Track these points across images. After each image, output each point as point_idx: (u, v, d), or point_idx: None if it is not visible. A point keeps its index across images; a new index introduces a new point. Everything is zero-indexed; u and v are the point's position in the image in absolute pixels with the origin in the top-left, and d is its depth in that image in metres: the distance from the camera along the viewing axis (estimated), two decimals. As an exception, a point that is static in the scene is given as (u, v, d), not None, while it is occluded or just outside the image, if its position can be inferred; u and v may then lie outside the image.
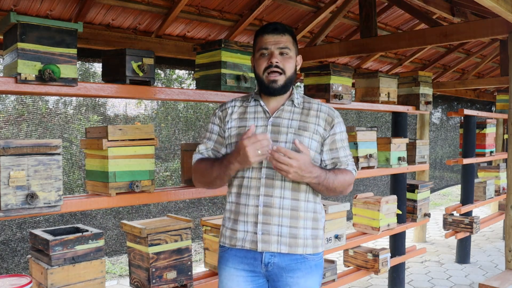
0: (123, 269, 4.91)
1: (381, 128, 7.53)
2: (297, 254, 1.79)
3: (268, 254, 1.78)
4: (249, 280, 1.81)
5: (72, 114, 4.32)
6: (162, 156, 4.93)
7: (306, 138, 1.79)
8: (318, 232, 1.84)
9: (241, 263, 1.81)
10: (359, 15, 4.15)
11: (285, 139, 1.78)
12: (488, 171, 5.64)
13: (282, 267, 1.78)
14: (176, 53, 4.02)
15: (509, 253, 3.83)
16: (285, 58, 1.80)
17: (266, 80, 1.80)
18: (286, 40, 1.81)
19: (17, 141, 1.75)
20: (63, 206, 1.88)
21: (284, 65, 1.79)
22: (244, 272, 1.81)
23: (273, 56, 1.78)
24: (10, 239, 3.76)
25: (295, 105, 1.86)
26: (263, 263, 1.78)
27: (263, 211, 1.77)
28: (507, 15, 3.01)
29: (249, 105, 1.89)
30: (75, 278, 1.97)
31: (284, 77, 1.80)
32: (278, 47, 1.79)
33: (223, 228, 1.90)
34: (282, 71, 1.79)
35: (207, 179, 1.83)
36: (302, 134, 1.79)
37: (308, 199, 1.82)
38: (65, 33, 1.88)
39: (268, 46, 1.79)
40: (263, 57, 1.81)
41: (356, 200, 3.73)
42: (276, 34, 1.79)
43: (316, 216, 1.84)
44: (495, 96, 7.93)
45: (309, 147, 1.78)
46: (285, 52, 1.80)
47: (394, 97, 3.85)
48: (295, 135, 1.79)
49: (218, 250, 1.93)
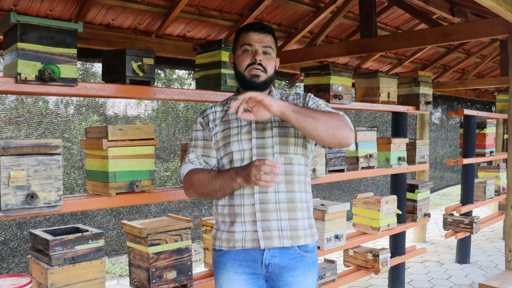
0: (123, 269, 4.91)
1: (381, 128, 7.53)
2: (295, 251, 1.79)
3: (269, 254, 1.77)
4: (250, 282, 1.80)
5: (72, 114, 4.32)
6: (162, 156, 4.93)
7: (292, 128, 1.80)
8: (311, 221, 1.88)
9: (241, 266, 1.80)
10: (359, 15, 4.15)
11: (271, 134, 1.79)
12: (488, 171, 5.64)
13: (282, 267, 1.78)
14: (176, 53, 4.02)
15: (509, 253, 3.83)
16: (267, 57, 1.81)
17: (248, 74, 1.79)
18: (270, 40, 1.82)
19: (17, 141, 1.75)
20: (63, 206, 1.88)
21: (266, 64, 1.80)
22: (245, 275, 1.80)
23: (258, 54, 1.78)
24: (10, 239, 3.76)
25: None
26: (263, 264, 1.78)
27: (260, 209, 1.76)
28: (507, 15, 3.01)
29: None
30: (75, 278, 1.97)
31: (266, 75, 1.81)
32: (263, 45, 1.80)
33: (218, 232, 1.86)
34: (264, 69, 1.80)
35: (207, 189, 1.79)
36: (287, 125, 1.80)
37: (301, 189, 1.83)
38: (65, 33, 1.88)
39: (252, 43, 1.79)
40: (246, 54, 1.80)
41: (356, 200, 3.73)
42: (261, 33, 1.80)
43: (308, 206, 1.87)
44: (495, 96, 7.93)
45: (296, 136, 1.81)
46: (268, 51, 1.81)
47: (394, 97, 3.85)
48: (280, 128, 1.80)
49: (213, 255, 1.90)
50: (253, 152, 1.78)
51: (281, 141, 1.79)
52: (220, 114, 1.88)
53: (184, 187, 1.86)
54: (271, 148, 1.78)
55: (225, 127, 1.84)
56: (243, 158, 1.79)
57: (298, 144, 1.82)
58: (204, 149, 1.86)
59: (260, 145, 1.79)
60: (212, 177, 1.77)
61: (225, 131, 1.84)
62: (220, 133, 1.84)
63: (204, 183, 1.78)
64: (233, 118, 1.85)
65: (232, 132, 1.82)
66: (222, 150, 1.83)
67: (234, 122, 1.84)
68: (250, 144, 1.79)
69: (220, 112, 1.88)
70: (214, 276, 1.90)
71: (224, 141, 1.82)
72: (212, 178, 1.77)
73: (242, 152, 1.79)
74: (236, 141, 1.80)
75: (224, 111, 1.88)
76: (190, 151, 1.88)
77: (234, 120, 1.84)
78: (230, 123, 1.84)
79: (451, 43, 5.66)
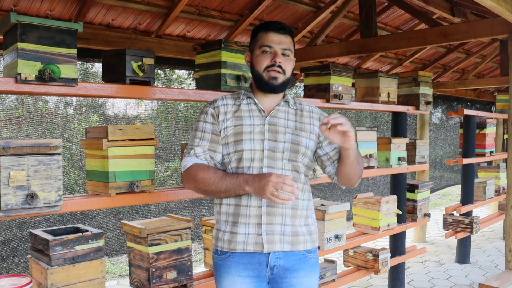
0: (123, 269, 4.91)
1: (381, 128, 7.53)
2: (300, 252, 1.80)
3: (274, 256, 1.76)
4: (254, 285, 1.79)
5: (72, 114, 4.32)
6: (162, 156, 4.93)
7: (304, 138, 1.80)
8: (312, 228, 1.88)
9: (246, 269, 1.77)
10: (359, 15, 4.15)
11: (283, 138, 1.78)
12: (488, 171, 5.64)
13: (287, 268, 1.78)
14: (176, 53, 4.02)
15: (509, 253, 3.83)
16: (286, 59, 1.80)
17: (267, 76, 1.78)
18: (289, 42, 1.81)
19: (17, 141, 1.75)
20: (63, 206, 1.88)
21: (285, 66, 1.79)
22: (249, 278, 1.78)
23: (277, 56, 1.77)
24: (10, 239, 3.76)
25: (289, 105, 1.86)
26: (268, 266, 1.77)
27: (267, 212, 1.75)
28: (507, 15, 3.01)
29: (242, 103, 1.83)
30: (75, 278, 1.97)
31: (284, 77, 1.80)
32: (282, 47, 1.78)
33: (219, 232, 1.82)
34: (283, 71, 1.79)
35: (210, 190, 1.73)
36: (300, 134, 1.80)
37: (303, 197, 1.84)
38: (65, 33, 1.88)
39: (272, 44, 1.77)
40: (265, 54, 1.78)
41: (356, 200, 3.73)
42: (281, 33, 1.79)
43: (309, 213, 1.87)
44: (495, 96, 7.93)
45: (307, 147, 1.81)
46: (287, 53, 1.80)
47: (394, 97, 3.85)
48: (293, 135, 1.79)
49: (213, 257, 1.86)
50: (265, 154, 1.76)
51: (292, 148, 1.78)
52: (233, 108, 1.82)
53: (184, 180, 1.79)
54: (281, 153, 1.77)
55: (237, 123, 1.79)
56: (253, 158, 1.76)
57: (307, 155, 1.82)
58: (211, 144, 1.80)
59: (271, 148, 1.77)
60: (219, 179, 1.71)
61: (237, 127, 1.79)
62: (232, 128, 1.79)
63: (209, 183, 1.72)
64: (246, 115, 1.81)
65: (244, 129, 1.78)
66: (232, 146, 1.78)
67: (247, 120, 1.79)
68: (262, 145, 1.77)
69: (232, 106, 1.83)
70: (216, 279, 1.86)
71: (235, 137, 1.78)
72: (218, 180, 1.71)
73: (253, 152, 1.76)
74: (248, 139, 1.76)
75: (236, 105, 1.83)
76: (196, 143, 1.80)
77: (247, 117, 1.80)
78: (242, 119, 1.80)
79: (451, 43, 5.66)
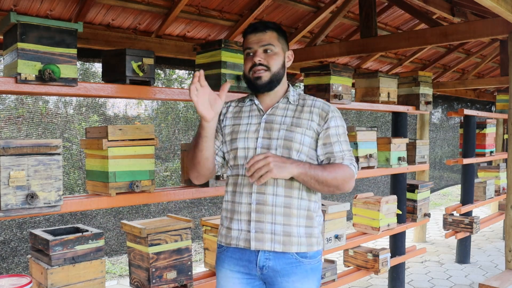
0: (123, 269, 4.91)
1: (381, 128, 7.53)
2: (292, 256, 1.76)
3: (263, 256, 1.76)
4: (245, 282, 1.80)
5: (72, 114, 4.32)
6: (162, 156, 4.93)
7: (298, 134, 1.77)
8: (312, 230, 1.81)
9: (236, 265, 1.80)
10: (359, 15, 4.15)
11: (277, 135, 1.77)
12: (488, 171, 5.64)
13: (277, 271, 1.76)
14: (176, 53, 4.02)
15: (509, 253, 3.83)
16: (269, 55, 1.80)
17: (252, 77, 1.82)
18: (270, 37, 1.81)
19: (17, 141, 1.75)
20: (63, 206, 1.88)
21: (268, 62, 1.80)
22: (239, 274, 1.80)
23: (256, 55, 1.80)
24: (10, 239, 3.76)
25: (290, 102, 1.86)
26: (258, 266, 1.77)
27: (256, 209, 1.76)
28: (507, 15, 3.01)
29: (244, 105, 1.91)
30: (75, 278, 1.97)
31: (270, 73, 1.80)
32: (261, 45, 1.80)
33: (221, 227, 1.89)
34: (267, 68, 1.80)
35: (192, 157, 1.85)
36: (294, 130, 1.77)
37: (301, 196, 1.78)
38: (65, 33, 1.88)
39: (251, 45, 1.81)
40: (249, 57, 1.83)
41: (356, 200, 3.73)
42: (257, 32, 1.81)
43: (310, 214, 1.81)
44: (495, 96, 7.93)
45: (302, 143, 1.77)
46: (269, 49, 1.80)
47: (394, 97, 3.85)
48: (287, 131, 1.78)
49: (216, 251, 1.93)
50: (257, 152, 1.77)
51: (285, 144, 1.75)
52: (235, 109, 1.91)
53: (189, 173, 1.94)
54: (274, 150, 1.76)
55: (235, 122, 1.87)
56: (247, 156, 1.79)
57: (302, 151, 1.77)
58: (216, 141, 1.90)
59: (265, 146, 1.78)
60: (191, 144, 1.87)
61: (234, 126, 1.86)
62: (229, 127, 1.87)
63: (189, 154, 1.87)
64: (245, 116, 1.87)
65: (240, 128, 1.84)
66: (229, 145, 1.85)
67: (245, 119, 1.86)
68: (256, 143, 1.79)
69: (235, 107, 1.92)
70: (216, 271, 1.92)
71: (231, 136, 1.85)
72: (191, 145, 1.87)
73: (247, 150, 1.79)
74: (242, 138, 1.81)
75: (239, 106, 1.91)
76: None
77: (245, 117, 1.86)
78: (241, 119, 1.87)
79: (451, 43, 5.66)
